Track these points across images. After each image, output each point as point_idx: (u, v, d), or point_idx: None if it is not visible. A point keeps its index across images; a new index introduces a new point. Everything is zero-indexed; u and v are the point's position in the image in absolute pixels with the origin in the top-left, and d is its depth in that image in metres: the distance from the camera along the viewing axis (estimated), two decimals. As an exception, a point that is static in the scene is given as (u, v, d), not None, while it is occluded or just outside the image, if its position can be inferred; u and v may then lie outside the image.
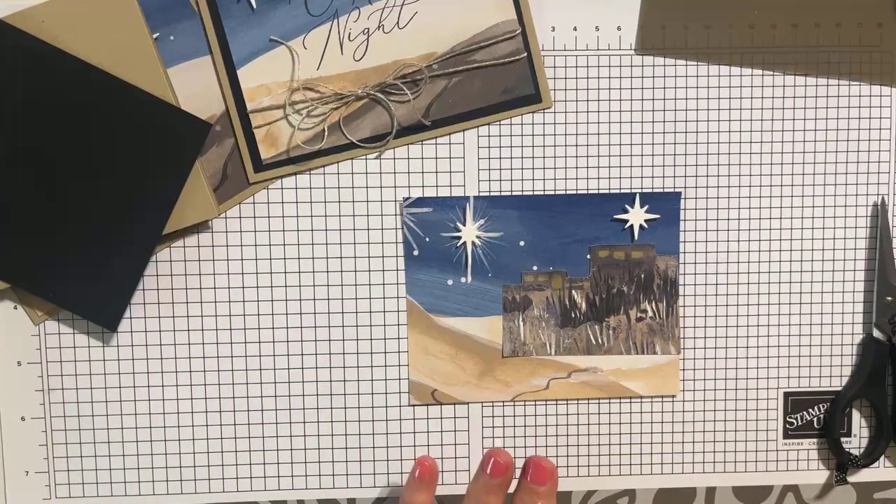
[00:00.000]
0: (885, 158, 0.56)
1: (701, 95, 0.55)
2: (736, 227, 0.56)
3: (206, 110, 0.52)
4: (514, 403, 0.56)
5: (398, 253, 0.55)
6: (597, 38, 0.54)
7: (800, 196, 0.56)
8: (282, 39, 0.52)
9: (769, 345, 0.57)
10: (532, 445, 0.56)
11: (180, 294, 0.54)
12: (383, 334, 0.55)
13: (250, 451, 0.56)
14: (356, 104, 0.53)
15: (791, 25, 0.55)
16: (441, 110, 0.54)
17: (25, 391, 0.54)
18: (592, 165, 0.55)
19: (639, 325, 0.56)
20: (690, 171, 0.55)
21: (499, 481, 0.48)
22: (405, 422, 0.56)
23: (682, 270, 0.56)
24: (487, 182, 0.55)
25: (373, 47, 0.53)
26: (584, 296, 0.56)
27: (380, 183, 0.54)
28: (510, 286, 0.55)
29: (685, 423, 0.57)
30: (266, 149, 0.53)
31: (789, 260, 0.56)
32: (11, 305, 0.54)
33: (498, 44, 0.53)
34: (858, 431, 0.58)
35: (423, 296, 0.55)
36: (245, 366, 0.55)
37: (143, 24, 0.51)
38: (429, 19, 0.53)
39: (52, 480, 0.55)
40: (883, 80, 0.55)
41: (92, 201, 0.51)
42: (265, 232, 0.54)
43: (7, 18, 0.50)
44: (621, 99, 0.54)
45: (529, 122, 0.54)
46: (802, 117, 0.55)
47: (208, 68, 0.52)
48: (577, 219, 0.55)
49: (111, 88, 0.50)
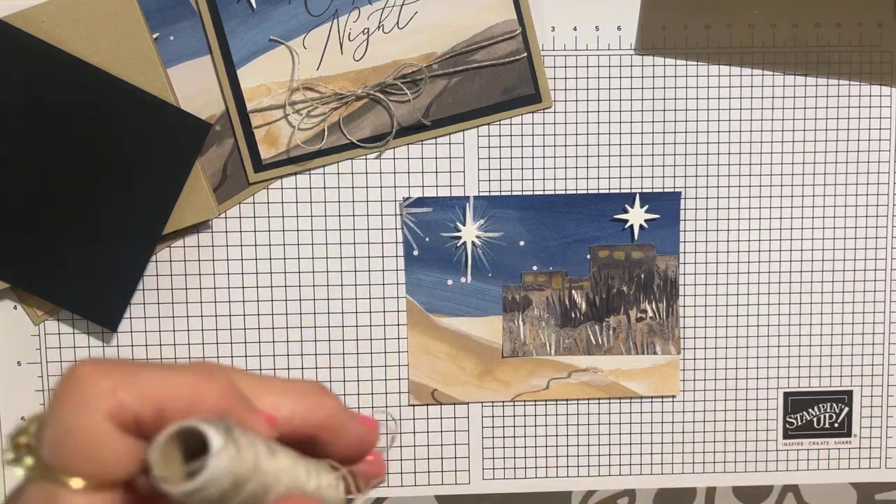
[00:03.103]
0: (885, 158, 0.56)
1: (701, 95, 0.55)
2: (736, 227, 0.56)
3: (206, 110, 0.52)
4: (514, 403, 0.56)
5: (398, 253, 0.55)
6: (597, 38, 0.54)
7: (800, 196, 0.56)
8: (282, 39, 0.52)
9: (769, 345, 0.57)
10: (532, 445, 0.56)
11: (180, 294, 0.54)
12: (383, 334, 0.55)
13: (250, 451, 0.55)
14: (356, 104, 0.53)
15: (791, 25, 0.55)
16: (441, 110, 0.54)
17: (25, 391, 0.54)
18: (592, 165, 0.55)
19: (639, 325, 0.56)
20: (690, 171, 0.55)
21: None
22: (405, 422, 0.56)
23: (682, 270, 0.56)
24: (487, 182, 0.55)
25: (373, 47, 0.53)
26: (584, 296, 0.56)
27: (380, 183, 0.54)
28: (510, 286, 0.55)
29: (685, 423, 0.57)
30: (266, 149, 0.53)
31: (789, 260, 0.56)
32: (11, 305, 0.54)
33: (498, 44, 0.53)
34: (859, 432, 0.58)
35: (423, 296, 0.55)
36: (245, 366, 0.55)
37: (143, 24, 0.51)
38: (429, 19, 0.53)
39: (52, 480, 0.55)
40: (883, 80, 0.55)
41: (92, 201, 0.51)
42: (265, 232, 0.54)
43: (7, 18, 0.50)
44: (621, 99, 0.54)
45: (529, 122, 0.54)
46: (802, 117, 0.55)
47: (208, 68, 0.52)
48: (577, 219, 0.55)
49: (111, 88, 0.50)
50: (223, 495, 0.20)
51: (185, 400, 0.21)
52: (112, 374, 0.20)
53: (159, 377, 0.21)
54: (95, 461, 0.20)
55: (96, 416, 0.20)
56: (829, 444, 0.58)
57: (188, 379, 0.21)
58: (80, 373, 0.20)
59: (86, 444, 0.20)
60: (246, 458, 0.21)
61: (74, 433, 0.20)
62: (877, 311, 0.57)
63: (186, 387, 0.21)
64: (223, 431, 0.20)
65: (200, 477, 0.19)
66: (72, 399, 0.20)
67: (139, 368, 0.21)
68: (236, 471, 0.20)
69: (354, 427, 0.27)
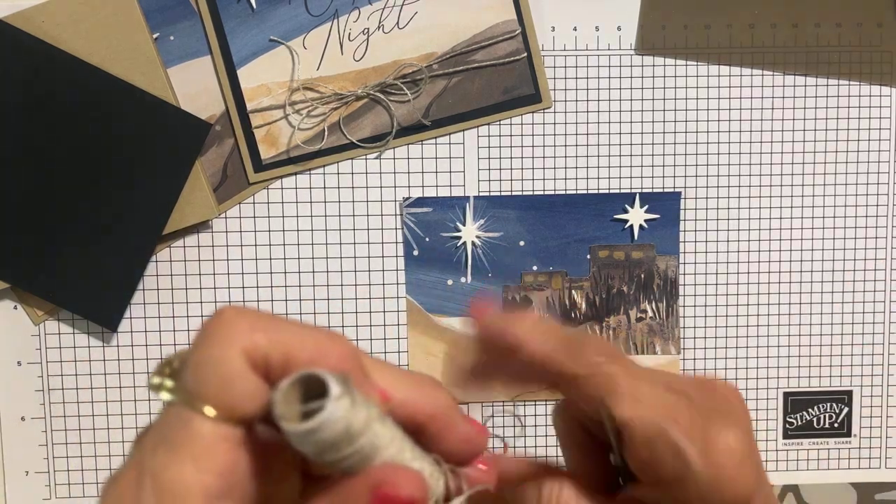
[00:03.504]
0: (885, 158, 0.56)
1: (701, 95, 0.55)
2: (736, 227, 0.56)
3: (206, 110, 0.52)
4: (514, 403, 0.56)
5: (398, 253, 0.55)
6: (597, 38, 0.54)
7: (800, 196, 0.56)
8: (282, 39, 0.52)
9: (769, 345, 0.57)
10: (532, 445, 0.56)
11: (180, 294, 0.54)
12: (383, 334, 0.55)
13: (250, 451, 0.55)
14: (356, 104, 0.53)
15: (791, 25, 0.55)
16: (441, 110, 0.54)
17: (25, 391, 0.54)
18: (592, 165, 0.55)
19: (639, 325, 0.56)
20: (690, 171, 0.55)
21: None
22: (405, 422, 0.56)
23: (682, 270, 0.56)
24: (487, 182, 0.55)
25: (373, 47, 0.53)
26: (584, 296, 0.56)
27: (380, 183, 0.54)
28: (510, 286, 0.55)
29: (685, 423, 0.57)
30: (266, 149, 0.53)
31: (789, 260, 0.56)
32: (11, 305, 0.54)
33: (498, 44, 0.53)
34: (859, 432, 0.58)
35: (423, 296, 0.55)
36: (245, 366, 0.55)
37: (143, 24, 0.51)
38: (429, 19, 0.53)
39: (52, 480, 0.55)
40: (883, 80, 0.55)
41: (92, 201, 0.51)
42: (265, 232, 0.54)
43: (7, 18, 0.50)
44: (621, 99, 0.54)
45: (529, 122, 0.54)
46: (802, 117, 0.55)
47: (208, 68, 0.52)
48: (577, 219, 0.55)
49: (111, 88, 0.50)
50: (335, 442, 0.21)
51: (310, 352, 0.23)
52: (251, 318, 0.23)
53: (292, 328, 0.23)
54: (228, 393, 0.22)
55: (233, 351, 0.22)
56: (828, 444, 0.58)
57: (317, 335, 0.23)
58: (225, 314, 0.23)
59: (221, 374, 0.22)
60: (360, 414, 0.22)
61: (213, 364, 0.22)
62: (877, 311, 0.57)
63: (314, 341, 0.23)
64: (342, 383, 0.21)
65: (317, 418, 0.21)
66: (214, 334, 0.22)
67: (276, 318, 0.23)
68: (350, 421, 0.21)
69: (464, 426, 0.27)
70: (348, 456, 0.22)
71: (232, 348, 0.22)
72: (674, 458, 0.26)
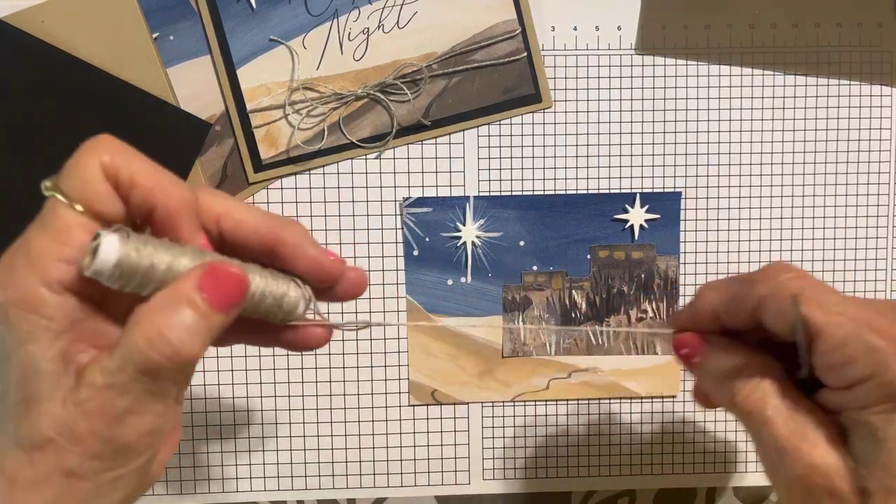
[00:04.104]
0: (886, 158, 0.56)
1: (701, 95, 0.55)
2: (736, 227, 0.56)
3: (206, 110, 0.52)
4: (514, 403, 0.56)
5: (398, 253, 0.55)
6: (597, 38, 0.54)
7: (800, 196, 0.56)
8: (282, 39, 0.52)
9: (769, 345, 0.56)
10: (532, 445, 0.56)
11: (180, 294, 0.54)
12: (383, 334, 0.55)
13: (250, 451, 0.55)
14: (356, 104, 0.53)
15: (791, 25, 0.55)
16: (441, 110, 0.54)
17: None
18: (592, 165, 0.55)
19: (639, 325, 0.56)
20: (690, 171, 0.55)
21: None
22: (405, 422, 0.56)
23: (683, 270, 0.56)
24: (487, 182, 0.55)
25: (373, 47, 0.53)
26: (584, 296, 0.56)
27: (380, 183, 0.54)
28: (510, 286, 0.55)
29: (685, 423, 0.57)
30: (266, 149, 0.53)
31: (789, 260, 0.56)
32: (11, 305, 0.54)
33: (498, 44, 0.53)
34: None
35: (423, 296, 0.55)
36: (244, 366, 0.55)
37: (143, 24, 0.51)
38: (429, 19, 0.53)
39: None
40: (883, 80, 0.55)
41: (92, 201, 0.51)
42: (265, 232, 0.54)
43: (7, 18, 0.50)
44: (621, 99, 0.54)
45: (529, 122, 0.54)
46: (802, 117, 0.55)
47: (208, 68, 0.52)
48: (577, 219, 0.55)
49: (111, 88, 0.50)
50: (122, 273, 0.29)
51: (151, 180, 0.30)
52: (114, 144, 0.30)
53: (145, 163, 0.30)
54: (85, 190, 0.29)
55: (92, 160, 0.29)
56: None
57: (161, 174, 0.31)
58: (97, 138, 0.30)
59: (81, 176, 0.29)
60: (142, 253, 0.29)
61: (77, 168, 0.30)
62: (877, 311, 0.57)
63: (156, 173, 0.30)
64: (116, 231, 0.29)
65: (95, 260, 0.28)
66: (83, 149, 0.30)
67: (136, 153, 0.31)
68: (125, 260, 0.29)
69: (313, 250, 0.33)
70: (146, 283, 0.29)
71: (91, 158, 0.29)
72: (867, 354, 0.30)
